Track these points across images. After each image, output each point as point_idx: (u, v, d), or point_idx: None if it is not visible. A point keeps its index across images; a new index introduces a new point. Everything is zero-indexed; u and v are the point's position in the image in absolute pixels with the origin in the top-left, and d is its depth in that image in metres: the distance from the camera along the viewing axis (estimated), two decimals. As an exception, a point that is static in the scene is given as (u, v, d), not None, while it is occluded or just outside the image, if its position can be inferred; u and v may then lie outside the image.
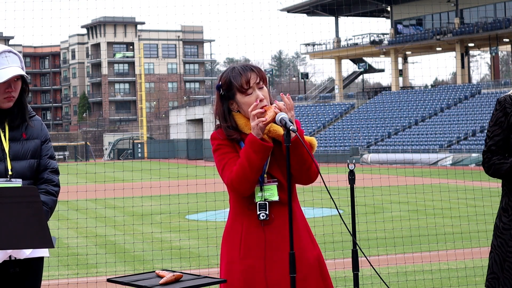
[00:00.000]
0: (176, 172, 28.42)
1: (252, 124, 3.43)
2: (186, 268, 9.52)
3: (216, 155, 3.56)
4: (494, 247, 3.71)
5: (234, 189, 3.47)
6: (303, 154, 3.45)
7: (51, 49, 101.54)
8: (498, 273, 3.68)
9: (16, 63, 3.67)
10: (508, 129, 3.67)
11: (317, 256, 3.63)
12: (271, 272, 3.51)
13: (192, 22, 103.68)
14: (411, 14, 56.80)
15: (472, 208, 13.63)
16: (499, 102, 3.71)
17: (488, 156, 3.70)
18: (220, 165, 3.53)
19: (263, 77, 3.58)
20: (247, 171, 3.41)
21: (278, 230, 3.52)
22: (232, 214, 3.62)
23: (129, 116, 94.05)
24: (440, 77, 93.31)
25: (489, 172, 3.71)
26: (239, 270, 3.53)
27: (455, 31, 54.70)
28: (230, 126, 3.56)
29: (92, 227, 13.83)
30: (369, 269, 8.46)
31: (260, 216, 3.51)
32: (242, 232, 3.55)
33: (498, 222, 3.71)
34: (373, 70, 68.55)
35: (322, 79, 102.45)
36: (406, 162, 38.34)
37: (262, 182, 3.52)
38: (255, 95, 3.53)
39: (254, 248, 3.52)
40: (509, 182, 3.68)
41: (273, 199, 3.51)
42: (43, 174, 3.75)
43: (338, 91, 62.23)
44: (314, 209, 15.20)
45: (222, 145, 3.54)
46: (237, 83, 3.53)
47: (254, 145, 3.40)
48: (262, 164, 3.44)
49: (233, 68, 3.59)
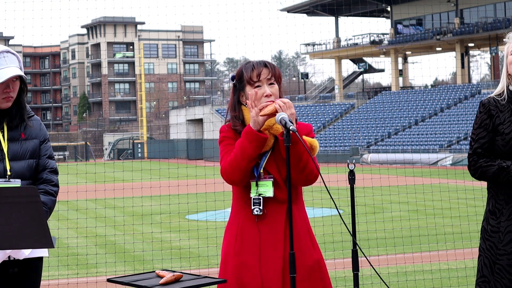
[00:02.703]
0: (176, 172, 28.42)
1: (250, 114, 3.50)
2: (186, 268, 9.52)
3: (220, 146, 3.65)
4: (483, 250, 3.70)
5: (226, 178, 3.54)
6: (299, 152, 3.47)
7: (51, 49, 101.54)
8: (488, 276, 3.67)
9: (14, 63, 3.66)
10: (493, 131, 3.66)
11: (317, 261, 3.62)
12: (265, 270, 3.52)
13: (192, 22, 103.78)
14: (411, 14, 56.80)
15: (472, 208, 13.63)
16: (483, 104, 3.69)
17: (474, 159, 3.68)
18: (221, 156, 3.62)
19: (276, 74, 3.64)
20: (239, 159, 3.47)
21: (272, 227, 3.55)
22: (232, 209, 3.69)
23: (129, 116, 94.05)
24: (440, 77, 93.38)
25: (476, 175, 3.70)
26: (233, 266, 3.57)
27: (455, 31, 54.70)
28: (237, 117, 3.65)
29: (92, 227, 13.83)
30: (369, 269, 8.46)
31: (254, 211, 3.55)
32: (238, 227, 3.61)
33: (486, 225, 3.69)
34: (373, 70, 68.55)
35: (322, 79, 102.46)
36: (406, 162, 38.34)
37: (257, 177, 3.55)
38: (263, 89, 3.58)
39: (249, 245, 3.56)
40: (496, 184, 3.67)
41: (268, 195, 3.54)
42: (42, 174, 3.74)
43: (338, 91, 62.23)
44: (314, 209, 15.19)
45: (226, 137, 3.63)
46: (247, 75, 3.61)
47: (249, 135, 3.47)
48: (254, 155, 3.48)
49: (248, 62, 3.69)
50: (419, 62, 69.50)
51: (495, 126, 3.65)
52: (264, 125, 3.52)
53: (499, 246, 3.62)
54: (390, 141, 48.94)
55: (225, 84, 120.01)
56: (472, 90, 52.59)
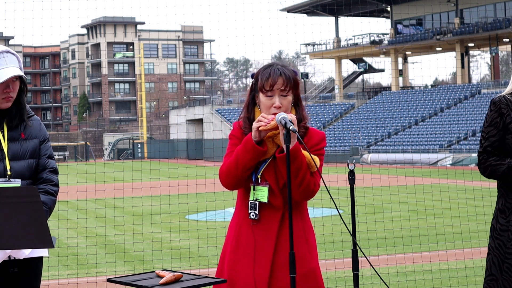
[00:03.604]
0: (176, 172, 28.41)
1: (253, 125, 3.48)
2: (186, 268, 9.52)
3: (228, 142, 3.67)
4: (492, 248, 3.69)
5: (220, 180, 3.57)
6: (296, 168, 3.44)
7: (51, 49, 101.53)
8: (497, 275, 3.66)
9: (14, 63, 3.66)
10: (503, 130, 3.65)
11: (313, 269, 3.60)
12: (259, 272, 3.54)
13: (192, 22, 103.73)
14: (411, 14, 56.79)
15: (472, 208, 13.63)
16: (494, 102, 3.68)
17: (484, 157, 3.66)
18: (225, 154, 3.63)
19: (292, 85, 3.58)
20: (233, 167, 3.49)
21: (265, 232, 3.57)
22: (235, 210, 3.73)
23: (129, 116, 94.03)
24: (440, 77, 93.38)
25: (485, 174, 3.68)
26: (227, 262, 3.62)
27: (455, 31, 54.69)
28: (248, 118, 3.63)
29: (92, 227, 13.83)
30: (369, 269, 8.45)
31: (250, 215, 3.58)
32: (237, 227, 3.64)
33: (495, 224, 3.68)
34: (373, 70, 68.54)
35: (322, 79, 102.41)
36: (406, 162, 38.33)
37: (255, 182, 3.57)
38: (274, 100, 3.55)
39: (244, 246, 3.58)
40: (506, 183, 3.66)
41: (263, 201, 3.56)
42: (42, 174, 3.74)
43: (338, 91, 62.23)
44: (314, 209, 15.20)
45: (233, 136, 3.64)
46: (261, 82, 3.58)
47: (247, 144, 3.47)
48: (250, 165, 3.48)
49: (268, 66, 3.63)
50: (419, 62, 69.57)
51: (505, 124, 3.63)
52: (269, 133, 3.51)
53: (508, 245, 3.62)
54: (390, 141, 48.93)
55: (225, 84, 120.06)
56: (472, 90, 52.58)
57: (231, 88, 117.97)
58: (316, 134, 3.66)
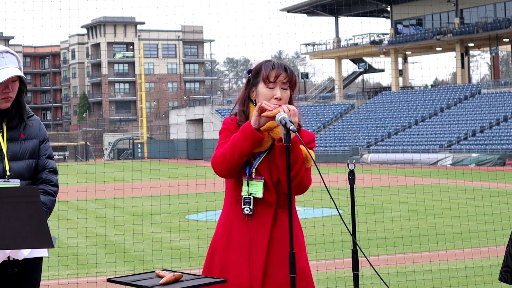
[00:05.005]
0: (176, 172, 28.41)
1: (253, 112, 3.50)
2: (186, 268, 9.51)
3: (219, 137, 3.67)
4: (511, 240, 3.73)
5: (214, 167, 3.55)
6: (292, 160, 3.44)
7: (51, 49, 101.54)
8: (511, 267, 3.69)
9: (14, 63, 3.66)
10: None
11: (303, 268, 3.60)
12: (254, 269, 3.53)
13: (192, 22, 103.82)
14: (411, 14, 56.79)
15: (472, 208, 13.64)
16: None
17: None
18: (217, 145, 3.64)
19: (292, 81, 3.64)
20: (229, 152, 3.48)
21: (260, 228, 3.56)
22: (223, 207, 3.71)
23: (129, 116, 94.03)
24: (440, 77, 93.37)
25: None
26: (219, 260, 3.60)
27: (455, 31, 54.69)
28: (244, 111, 3.65)
29: (92, 227, 13.83)
30: (369, 269, 8.45)
31: (244, 210, 3.57)
32: (227, 223, 3.62)
33: None
34: (373, 70, 68.55)
35: (322, 79, 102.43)
36: (406, 162, 38.33)
37: (249, 176, 3.56)
38: (275, 91, 3.58)
39: (237, 242, 3.57)
40: None
41: (257, 196, 3.55)
42: (42, 174, 3.74)
43: (338, 91, 62.24)
44: (314, 209, 15.19)
45: (226, 129, 3.65)
46: (265, 73, 3.61)
47: (246, 131, 3.47)
48: (247, 151, 3.48)
49: (270, 60, 3.68)
50: (419, 62, 69.56)
51: None
52: (265, 126, 3.51)
53: None
54: (390, 141, 48.93)
55: (225, 84, 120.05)
56: (472, 90, 52.58)
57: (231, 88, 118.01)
58: (307, 135, 3.70)
